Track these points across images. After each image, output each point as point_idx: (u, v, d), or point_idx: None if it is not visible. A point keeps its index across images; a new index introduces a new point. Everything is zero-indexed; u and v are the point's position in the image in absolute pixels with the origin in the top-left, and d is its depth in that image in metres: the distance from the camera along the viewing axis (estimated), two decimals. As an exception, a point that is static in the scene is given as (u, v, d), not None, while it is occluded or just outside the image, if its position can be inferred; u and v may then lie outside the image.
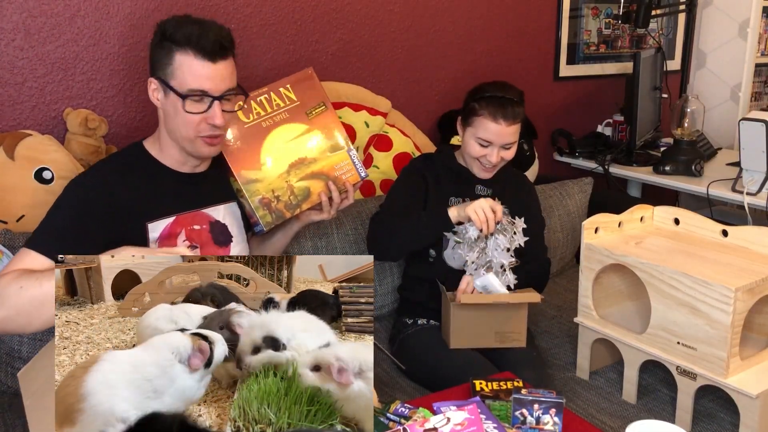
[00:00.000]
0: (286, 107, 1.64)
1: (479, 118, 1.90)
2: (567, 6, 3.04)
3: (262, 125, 1.62)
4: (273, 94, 1.63)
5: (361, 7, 2.49)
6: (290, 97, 1.64)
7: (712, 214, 2.59)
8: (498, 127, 1.88)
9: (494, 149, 1.91)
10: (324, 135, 1.67)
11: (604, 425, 1.74)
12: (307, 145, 1.66)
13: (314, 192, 1.66)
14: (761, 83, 3.67)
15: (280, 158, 1.63)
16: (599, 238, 1.91)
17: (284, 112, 1.63)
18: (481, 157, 1.94)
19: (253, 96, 1.61)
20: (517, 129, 1.92)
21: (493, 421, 1.31)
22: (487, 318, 1.85)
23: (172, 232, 1.56)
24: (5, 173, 1.81)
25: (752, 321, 1.78)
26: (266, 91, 1.63)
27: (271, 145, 1.62)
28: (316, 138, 1.66)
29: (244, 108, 1.57)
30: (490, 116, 1.88)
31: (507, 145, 1.93)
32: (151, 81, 1.51)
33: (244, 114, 1.59)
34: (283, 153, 1.63)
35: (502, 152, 1.93)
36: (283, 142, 1.63)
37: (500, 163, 1.96)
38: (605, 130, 3.21)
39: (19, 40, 1.92)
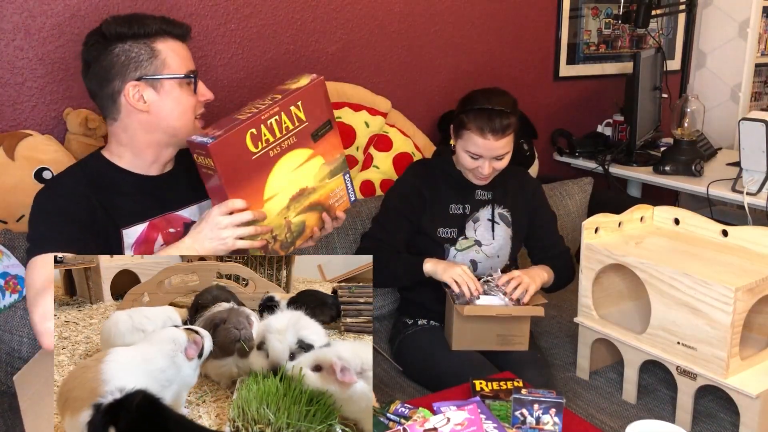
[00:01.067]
0: (294, 130, 1.46)
1: (467, 132, 1.87)
2: (567, 6, 3.04)
3: (269, 154, 1.42)
4: (284, 115, 1.43)
5: (361, 7, 2.49)
6: (300, 117, 1.46)
7: (712, 214, 2.59)
8: (486, 143, 1.85)
9: (485, 161, 1.88)
10: (326, 160, 1.54)
11: (604, 425, 1.74)
12: (310, 173, 1.51)
13: (309, 226, 1.55)
14: (761, 83, 3.67)
15: (284, 192, 1.46)
16: (599, 238, 1.91)
17: (293, 136, 1.45)
18: (473, 169, 1.92)
19: (264, 116, 1.39)
20: (507, 141, 1.88)
21: (493, 421, 1.31)
22: (491, 322, 1.84)
23: (149, 237, 1.51)
24: (5, 173, 1.81)
25: (752, 321, 1.78)
26: (277, 111, 1.41)
27: (276, 178, 1.44)
28: (319, 164, 1.53)
29: (253, 133, 1.38)
30: (477, 131, 1.84)
31: (498, 157, 1.89)
32: (131, 86, 1.42)
33: (253, 141, 1.38)
34: (287, 185, 1.47)
35: (494, 163, 1.90)
36: (288, 172, 1.46)
37: (494, 173, 1.94)
38: (605, 130, 3.21)
39: (19, 40, 1.92)
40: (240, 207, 1.35)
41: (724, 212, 3.09)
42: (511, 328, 1.85)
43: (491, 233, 1.99)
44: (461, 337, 1.85)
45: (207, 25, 2.20)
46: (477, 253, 1.98)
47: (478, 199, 2.00)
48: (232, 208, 1.34)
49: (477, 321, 1.83)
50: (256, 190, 1.39)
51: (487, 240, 1.99)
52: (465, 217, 1.99)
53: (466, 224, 1.99)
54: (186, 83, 1.47)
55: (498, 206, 2.01)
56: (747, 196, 2.38)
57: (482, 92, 1.90)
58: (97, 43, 1.44)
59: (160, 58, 1.43)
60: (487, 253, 1.99)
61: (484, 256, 1.99)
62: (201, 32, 2.18)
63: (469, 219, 1.99)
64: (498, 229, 2.00)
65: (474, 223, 1.99)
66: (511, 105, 1.88)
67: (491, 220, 2.00)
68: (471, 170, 1.93)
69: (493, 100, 1.86)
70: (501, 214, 2.02)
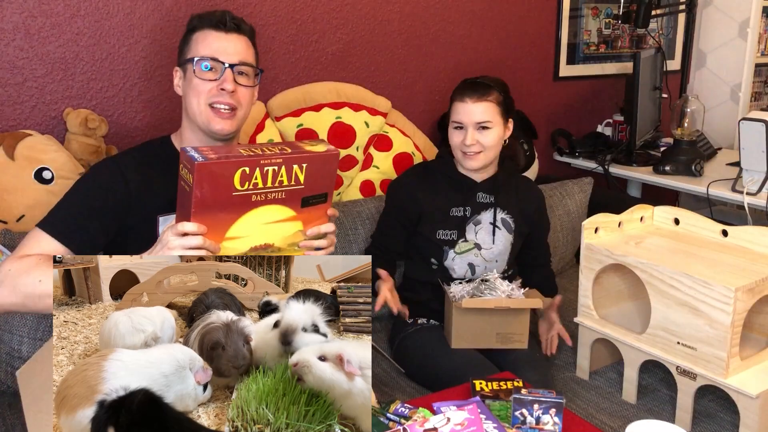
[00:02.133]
0: (287, 187, 1.38)
1: (452, 105, 1.94)
2: (567, 6, 3.04)
3: (251, 198, 1.35)
4: (284, 168, 1.35)
5: (361, 7, 2.49)
6: (298, 178, 1.38)
7: (712, 214, 2.59)
8: (464, 105, 1.89)
9: (468, 130, 1.89)
10: (302, 229, 1.46)
11: (604, 425, 1.73)
12: (282, 233, 1.43)
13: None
14: (761, 83, 3.67)
15: (248, 239, 1.39)
16: (599, 238, 1.91)
17: (282, 192, 1.38)
18: (460, 145, 1.92)
19: (263, 161, 1.33)
20: (487, 107, 1.89)
21: (493, 421, 1.31)
22: (490, 319, 1.85)
23: None
24: (5, 173, 1.81)
25: (752, 321, 1.78)
26: (279, 162, 1.34)
27: (247, 223, 1.37)
28: (295, 229, 1.44)
29: (245, 172, 1.31)
30: (458, 98, 1.91)
31: (481, 125, 1.89)
32: (175, 71, 1.58)
33: (241, 179, 1.31)
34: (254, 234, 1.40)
35: (477, 135, 1.89)
36: (261, 222, 1.39)
37: (482, 152, 1.91)
38: (605, 130, 3.21)
39: (19, 40, 1.92)
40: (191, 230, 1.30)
41: (724, 212, 3.09)
42: (511, 325, 1.86)
43: (492, 237, 1.99)
44: (460, 336, 1.86)
45: (207, 25, 2.20)
46: (476, 256, 1.98)
47: (479, 202, 1.99)
48: (183, 231, 1.31)
49: (476, 318, 1.84)
50: (222, 225, 1.34)
51: (487, 244, 1.98)
52: (465, 220, 1.98)
53: (467, 226, 1.98)
54: (203, 68, 1.51)
55: (501, 211, 2.01)
56: (747, 196, 2.38)
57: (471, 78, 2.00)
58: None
59: (189, 46, 1.55)
60: (486, 257, 1.99)
61: (483, 260, 1.99)
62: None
63: (470, 221, 1.98)
64: (499, 234, 1.99)
65: (475, 226, 1.98)
66: (495, 81, 1.94)
67: (493, 224, 1.99)
68: (458, 148, 1.93)
69: (480, 78, 1.95)
70: (504, 220, 2.01)
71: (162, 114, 2.16)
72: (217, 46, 1.51)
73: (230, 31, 1.53)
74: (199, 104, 1.52)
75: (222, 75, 1.51)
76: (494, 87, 1.92)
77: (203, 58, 1.51)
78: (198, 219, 1.31)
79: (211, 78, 1.51)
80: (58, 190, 1.83)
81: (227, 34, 1.53)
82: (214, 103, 1.52)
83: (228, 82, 1.51)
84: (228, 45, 1.52)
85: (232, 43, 1.53)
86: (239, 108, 1.54)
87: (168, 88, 2.13)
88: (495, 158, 1.99)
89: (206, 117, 1.52)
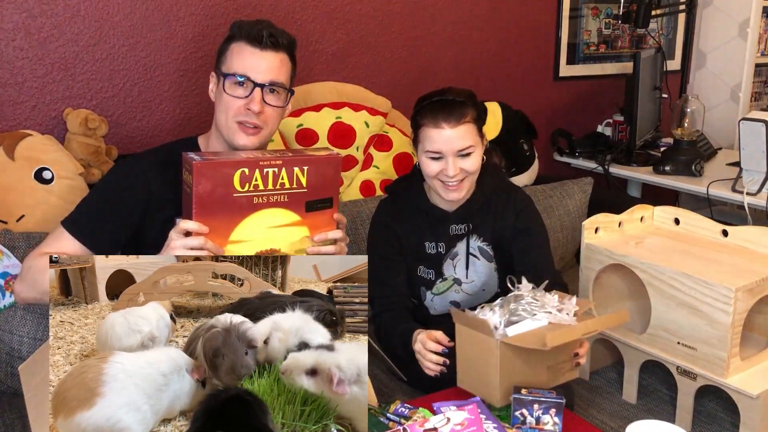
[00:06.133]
0: (289, 190, 1.37)
1: (422, 129, 1.65)
2: (567, 6, 3.04)
3: (253, 200, 1.35)
4: (284, 171, 1.36)
5: (361, 7, 2.49)
6: (300, 181, 1.38)
7: (712, 214, 2.59)
8: (441, 132, 1.61)
9: (448, 160, 1.63)
10: (309, 235, 1.44)
11: (604, 425, 1.73)
12: (288, 238, 1.41)
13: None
14: (761, 83, 3.66)
15: (253, 243, 1.39)
16: (599, 238, 1.91)
17: (285, 195, 1.37)
18: (439, 174, 1.65)
19: (262, 163, 1.34)
20: (467, 130, 1.63)
21: (493, 421, 1.30)
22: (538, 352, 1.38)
23: None
24: (5, 173, 1.81)
25: (752, 321, 1.78)
26: (278, 165, 1.35)
27: (251, 226, 1.37)
28: (302, 235, 1.42)
29: (244, 173, 1.33)
30: (431, 123, 1.63)
31: (462, 152, 1.63)
32: (211, 75, 1.58)
33: (241, 181, 1.32)
34: (260, 239, 1.39)
35: (459, 162, 1.63)
36: (265, 226, 1.38)
37: (466, 178, 1.67)
38: (605, 130, 3.20)
39: (19, 40, 1.92)
40: (192, 229, 1.31)
41: (724, 212, 3.08)
42: (562, 353, 1.45)
43: (468, 270, 1.79)
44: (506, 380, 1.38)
45: (206, 25, 2.20)
46: (457, 293, 1.80)
47: (453, 235, 1.77)
48: (184, 230, 1.32)
49: (523, 356, 1.39)
50: (225, 227, 1.35)
51: (467, 278, 1.80)
52: (441, 256, 1.78)
53: (444, 263, 1.78)
54: (233, 84, 1.50)
55: (476, 239, 1.78)
56: (747, 196, 2.38)
57: (433, 91, 1.71)
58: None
59: (225, 56, 1.53)
60: (468, 291, 1.80)
61: (465, 295, 1.80)
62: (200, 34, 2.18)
63: (446, 257, 1.78)
64: (477, 265, 1.79)
65: (452, 260, 1.79)
66: (465, 95, 1.67)
67: (467, 254, 1.79)
68: (437, 178, 1.66)
69: (446, 93, 1.67)
70: (480, 248, 1.79)
71: (162, 114, 2.16)
72: (249, 63, 1.49)
73: (265, 48, 1.50)
74: (227, 119, 1.52)
75: (251, 94, 1.49)
76: (467, 102, 1.65)
77: (235, 74, 1.49)
78: (200, 219, 1.32)
79: (240, 95, 1.50)
80: (58, 190, 1.83)
81: (262, 51, 1.50)
82: (239, 119, 1.51)
83: (255, 103, 1.49)
84: (261, 63, 1.49)
85: (265, 62, 1.50)
86: (264, 128, 1.54)
87: (168, 88, 2.13)
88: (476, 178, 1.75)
89: (232, 132, 1.52)
